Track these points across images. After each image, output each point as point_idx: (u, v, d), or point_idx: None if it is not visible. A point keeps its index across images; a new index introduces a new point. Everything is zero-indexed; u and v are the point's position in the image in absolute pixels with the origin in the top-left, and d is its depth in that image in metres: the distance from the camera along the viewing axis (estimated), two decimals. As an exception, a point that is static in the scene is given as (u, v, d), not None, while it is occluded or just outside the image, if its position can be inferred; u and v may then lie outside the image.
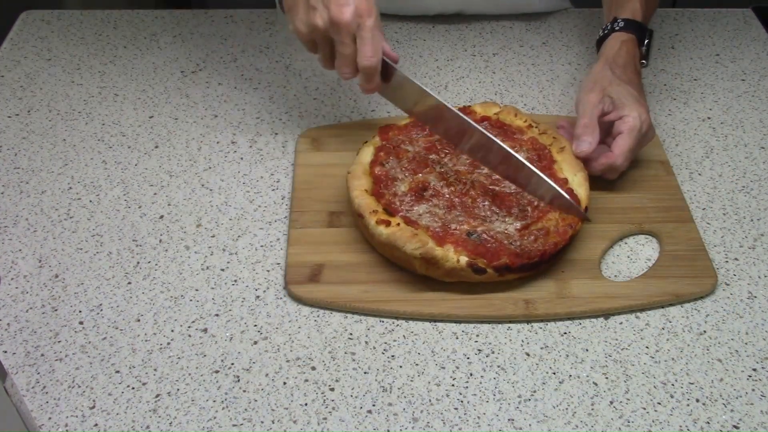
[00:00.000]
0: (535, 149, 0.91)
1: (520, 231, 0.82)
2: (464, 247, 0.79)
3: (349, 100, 1.09)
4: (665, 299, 0.81)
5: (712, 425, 0.71)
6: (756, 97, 1.11)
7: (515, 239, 0.81)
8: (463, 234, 0.81)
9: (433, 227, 0.82)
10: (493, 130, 0.93)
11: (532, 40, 1.21)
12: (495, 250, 0.79)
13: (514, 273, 0.80)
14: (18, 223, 0.90)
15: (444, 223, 0.82)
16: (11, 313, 0.80)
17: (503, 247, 0.80)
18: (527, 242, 0.80)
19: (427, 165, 0.89)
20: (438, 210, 0.84)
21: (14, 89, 1.11)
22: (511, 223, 0.83)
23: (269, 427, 0.71)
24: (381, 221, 0.82)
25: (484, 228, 0.82)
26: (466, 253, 0.79)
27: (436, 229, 0.81)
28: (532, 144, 0.92)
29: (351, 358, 0.76)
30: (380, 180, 0.88)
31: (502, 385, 0.74)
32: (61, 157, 1.00)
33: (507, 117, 0.96)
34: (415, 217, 0.83)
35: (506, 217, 0.83)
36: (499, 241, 0.80)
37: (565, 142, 0.91)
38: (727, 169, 0.99)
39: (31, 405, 0.72)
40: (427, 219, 0.83)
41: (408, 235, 0.80)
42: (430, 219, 0.83)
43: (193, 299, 0.82)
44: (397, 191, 0.86)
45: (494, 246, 0.80)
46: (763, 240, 0.89)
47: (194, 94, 1.10)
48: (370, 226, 0.82)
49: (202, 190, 0.95)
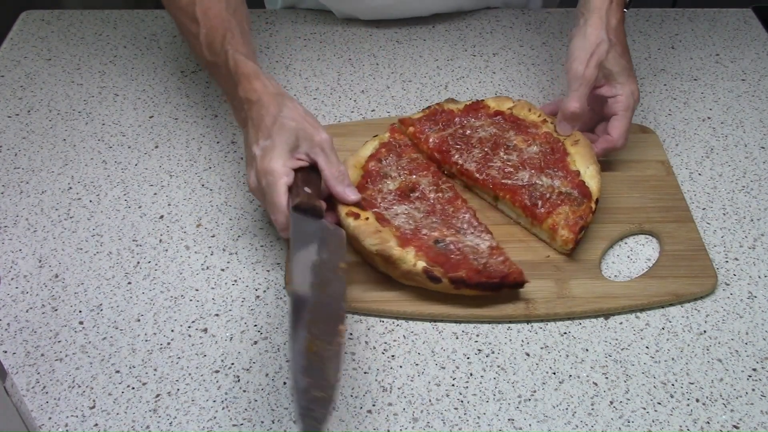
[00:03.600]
0: (548, 143, 0.91)
1: (493, 249, 0.80)
2: (426, 253, 0.79)
3: (349, 100, 1.09)
4: (665, 299, 0.81)
5: (712, 425, 0.71)
6: (756, 97, 1.11)
7: (483, 256, 0.79)
8: (431, 240, 0.80)
9: (403, 228, 0.81)
10: (506, 124, 0.94)
11: (532, 40, 1.21)
12: (457, 262, 0.78)
13: (471, 289, 0.78)
14: (18, 223, 0.90)
15: (417, 227, 0.82)
16: (11, 313, 0.80)
17: (467, 261, 0.78)
18: (494, 262, 0.79)
19: (427, 168, 0.90)
20: (417, 213, 0.84)
21: (14, 89, 1.11)
22: (486, 240, 0.81)
23: (269, 427, 0.71)
24: (350, 213, 0.82)
25: (455, 239, 0.81)
26: (426, 259, 0.78)
27: (405, 230, 0.81)
28: (546, 138, 0.92)
29: (351, 358, 0.76)
30: (370, 175, 0.88)
31: (502, 385, 0.74)
32: (61, 157, 1.00)
33: (521, 112, 0.96)
34: (390, 215, 0.83)
35: (483, 233, 0.82)
36: (465, 255, 0.79)
37: (579, 135, 0.91)
38: (727, 169, 0.99)
39: (31, 405, 0.72)
40: (402, 219, 0.83)
41: (371, 231, 0.80)
42: (405, 220, 0.83)
43: (193, 299, 0.82)
44: (384, 188, 0.87)
45: (458, 258, 0.79)
46: (763, 240, 0.89)
47: (194, 94, 1.10)
48: (340, 217, 0.82)
49: (202, 190, 0.95)
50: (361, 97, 1.10)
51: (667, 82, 1.13)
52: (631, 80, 0.91)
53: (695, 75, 1.15)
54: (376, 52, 1.18)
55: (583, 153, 0.89)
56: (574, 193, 0.85)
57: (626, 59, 0.92)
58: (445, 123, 0.96)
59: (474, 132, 0.94)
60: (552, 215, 0.84)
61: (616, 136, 0.90)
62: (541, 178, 0.87)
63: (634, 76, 0.92)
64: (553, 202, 0.84)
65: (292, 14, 1.26)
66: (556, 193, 0.86)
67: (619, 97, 0.90)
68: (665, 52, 1.19)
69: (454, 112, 0.97)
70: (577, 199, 0.85)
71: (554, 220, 0.83)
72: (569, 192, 0.85)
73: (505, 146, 0.92)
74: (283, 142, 0.80)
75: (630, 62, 0.93)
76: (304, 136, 0.81)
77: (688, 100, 1.10)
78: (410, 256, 0.78)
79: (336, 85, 1.12)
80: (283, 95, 0.83)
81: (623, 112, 0.90)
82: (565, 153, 0.90)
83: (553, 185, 0.86)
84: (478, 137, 0.93)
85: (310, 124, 0.82)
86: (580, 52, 0.90)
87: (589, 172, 0.87)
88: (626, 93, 0.90)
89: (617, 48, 0.91)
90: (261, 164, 0.79)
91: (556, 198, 0.85)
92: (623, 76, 0.91)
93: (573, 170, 0.87)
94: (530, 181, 0.87)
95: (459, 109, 0.98)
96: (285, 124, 0.80)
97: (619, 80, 0.91)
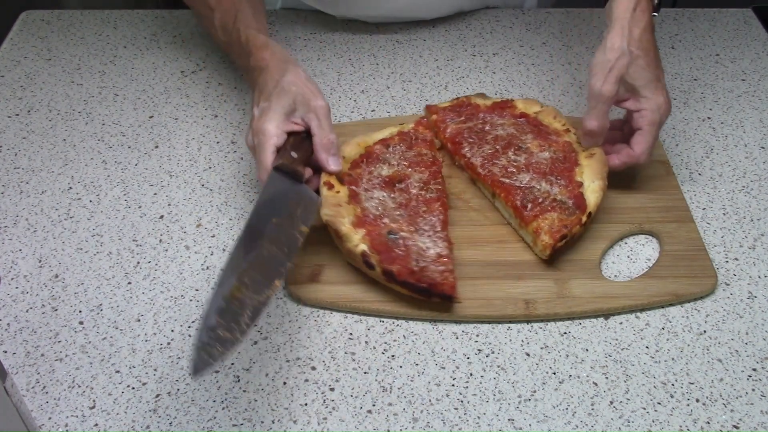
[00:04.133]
0: (563, 151, 0.91)
1: (440, 257, 0.79)
2: (372, 239, 0.80)
3: (349, 100, 1.09)
4: (665, 299, 0.81)
5: (712, 425, 0.71)
6: (756, 97, 1.11)
7: (425, 259, 0.78)
8: (386, 230, 0.81)
9: (369, 212, 0.83)
10: (527, 126, 0.95)
11: (532, 40, 1.21)
12: (397, 256, 0.78)
13: (399, 286, 0.78)
14: (18, 223, 0.90)
15: (382, 214, 0.83)
16: (11, 313, 0.80)
17: (407, 258, 0.78)
18: (433, 268, 0.78)
19: (428, 166, 0.90)
20: (390, 203, 0.85)
21: (14, 89, 1.11)
22: (440, 245, 0.80)
23: (269, 427, 0.71)
24: (327, 183, 0.85)
25: (408, 236, 0.81)
26: (370, 245, 0.79)
27: (369, 214, 0.83)
28: (563, 147, 0.91)
29: (351, 358, 0.76)
30: (369, 156, 0.91)
31: (502, 385, 0.74)
32: (61, 157, 1.00)
33: (546, 118, 0.96)
34: (365, 197, 0.85)
35: (441, 240, 0.81)
36: (409, 253, 0.79)
37: (597, 149, 0.90)
38: (727, 169, 0.99)
39: (31, 405, 0.72)
40: (373, 204, 0.84)
41: (332, 202, 0.83)
42: (375, 204, 0.84)
43: (193, 299, 0.82)
44: (375, 171, 0.89)
45: (400, 254, 0.79)
46: (763, 240, 0.89)
47: (194, 94, 1.10)
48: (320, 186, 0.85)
49: (202, 190, 0.95)
50: (361, 97, 1.10)
51: (667, 82, 1.12)
52: (658, 93, 0.87)
53: (695, 75, 1.15)
54: (376, 53, 1.18)
55: (594, 167, 0.88)
56: (569, 202, 0.85)
57: (652, 71, 0.87)
58: (469, 116, 0.98)
59: (493, 129, 0.95)
60: (538, 219, 0.83)
61: (638, 151, 0.88)
62: (541, 183, 0.87)
63: (662, 89, 0.88)
64: (543, 207, 0.84)
65: (292, 14, 1.26)
66: (550, 199, 0.85)
67: (643, 111, 0.87)
68: (665, 52, 1.19)
69: (480, 107, 0.99)
70: (570, 209, 0.84)
71: (539, 224, 0.83)
72: (564, 200, 0.85)
73: (516, 147, 0.92)
74: (280, 106, 0.84)
75: (659, 73, 0.89)
76: (302, 101, 0.84)
77: (688, 100, 1.10)
78: (356, 237, 0.80)
79: (336, 86, 1.12)
80: (288, 62, 0.88)
81: (647, 127, 0.87)
82: (576, 163, 0.89)
83: (549, 191, 0.86)
84: (495, 135, 0.94)
85: (310, 90, 0.85)
86: (599, 67, 0.86)
87: (593, 186, 0.86)
88: (651, 107, 0.86)
89: (641, 60, 0.86)
90: (256, 124, 0.83)
91: (548, 204, 0.85)
92: (649, 90, 0.87)
93: (577, 181, 0.87)
94: (529, 183, 0.87)
95: (486, 104, 0.99)
96: (285, 89, 0.84)
97: (644, 94, 0.87)
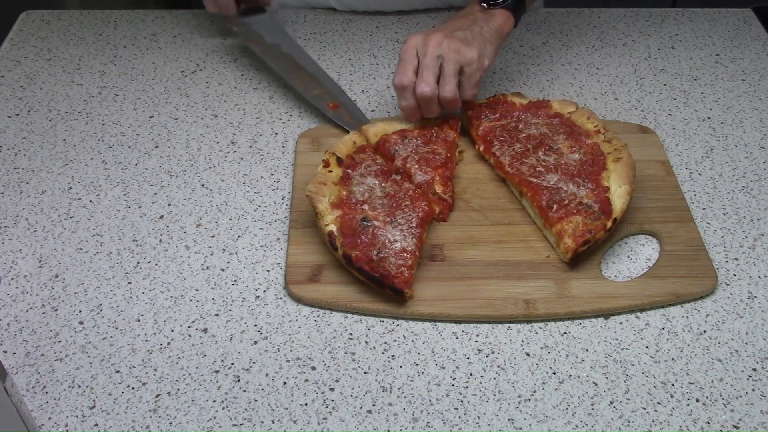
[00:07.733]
0: (592, 153, 0.91)
1: (403, 252, 0.80)
2: (344, 223, 0.82)
3: (349, 100, 1.09)
4: (665, 299, 0.81)
5: (712, 425, 0.71)
6: (756, 97, 1.11)
7: (388, 252, 0.79)
8: (361, 215, 0.82)
9: (354, 196, 0.85)
10: (560, 127, 0.95)
11: (532, 40, 1.21)
12: (361, 243, 0.80)
13: (355, 271, 0.79)
14: (18, 223, 0.90)
15: (364, 201, 0.85)
16: (11, 313, 0.80)
17: (370, 247, 0.79)
18: (391, 261, 0.79)
19: (434, 168, 0.91)
20: (378, 191, 0.87)
21: (14, 89, 1.11)
22: (409, 241, 0.81)
23: (269, 427, 0.71)
24: (324, 162, 0.89)
25: (381, 226, 0.82)
26: (339, 227, 0.81)
27: (353, 198, 0.85)
28: (591, 148, 0.91)
29: (351, 358, 0.76)
30: (380, 143, 0.94)
31: (502, 385, 0.74)
32: (61, 157, 1.00)
33: (579, 119, 0.97)
34: (356, 181, 0.87)
35: (411, 237, 0.81)
36: (374, 242, 0.80)
37: (624, 153, 0.90)
38: (727, 169, 0.99)
39: (31, 405, 0.72)
40: (361, 189, 0.86)
41: (320, 180, 0.85)
42: (363, 190, 0.86)
43: (193, 299, 0.82)
44: (378, 160, 0.91)
45: (365, 240, 0.80)
46: (763, 240, 0.89)
47: (194, 94, 1.10)
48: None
49: (202, 190, 0.95)
50: (361, 97, 1.10)
51: (667, 82, 1.14)
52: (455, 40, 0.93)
53: (695, 75, 1.15)
54: (376, 53, 1.18)
55: (621, 172, 0.88)
56: (595, 206, 0.84)
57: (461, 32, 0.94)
58: (503, 114, 0.98)
59: (526, 128, 0.95)
60: (563, 221, 0.83)
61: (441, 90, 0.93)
62: (568, 185, 0.87)
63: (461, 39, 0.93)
64: (569, 210, 0.84)
65: (292, 14, 1.26)
66: (576, 202, 0.85)
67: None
68: (665, 52, 1.19)
69: (515, 106, 1.00)
70: (596, 213, 0.84)
71: (563, 226, 0.83)
72: (590, 204, 0.85)
73: (547, 147, 0.92)
74: None
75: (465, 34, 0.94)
76: None
77: (688, 100, 1.10)
78: (330, 217, 0.82)
79: (336, 85, 1.12)
80: None
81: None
82: (604, 167, 0.89)
83: (576, 193, 0.86)
84: (527, 134, 0.94)
85: None
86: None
87: (620, 191, 0.86)
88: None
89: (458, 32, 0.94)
90: None
91: (574, 207, 0.85)
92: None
93: (604, 186, 0.87)
94: (556, 184, 0.87)
95: (522, 103, 1.00)
96: None
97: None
